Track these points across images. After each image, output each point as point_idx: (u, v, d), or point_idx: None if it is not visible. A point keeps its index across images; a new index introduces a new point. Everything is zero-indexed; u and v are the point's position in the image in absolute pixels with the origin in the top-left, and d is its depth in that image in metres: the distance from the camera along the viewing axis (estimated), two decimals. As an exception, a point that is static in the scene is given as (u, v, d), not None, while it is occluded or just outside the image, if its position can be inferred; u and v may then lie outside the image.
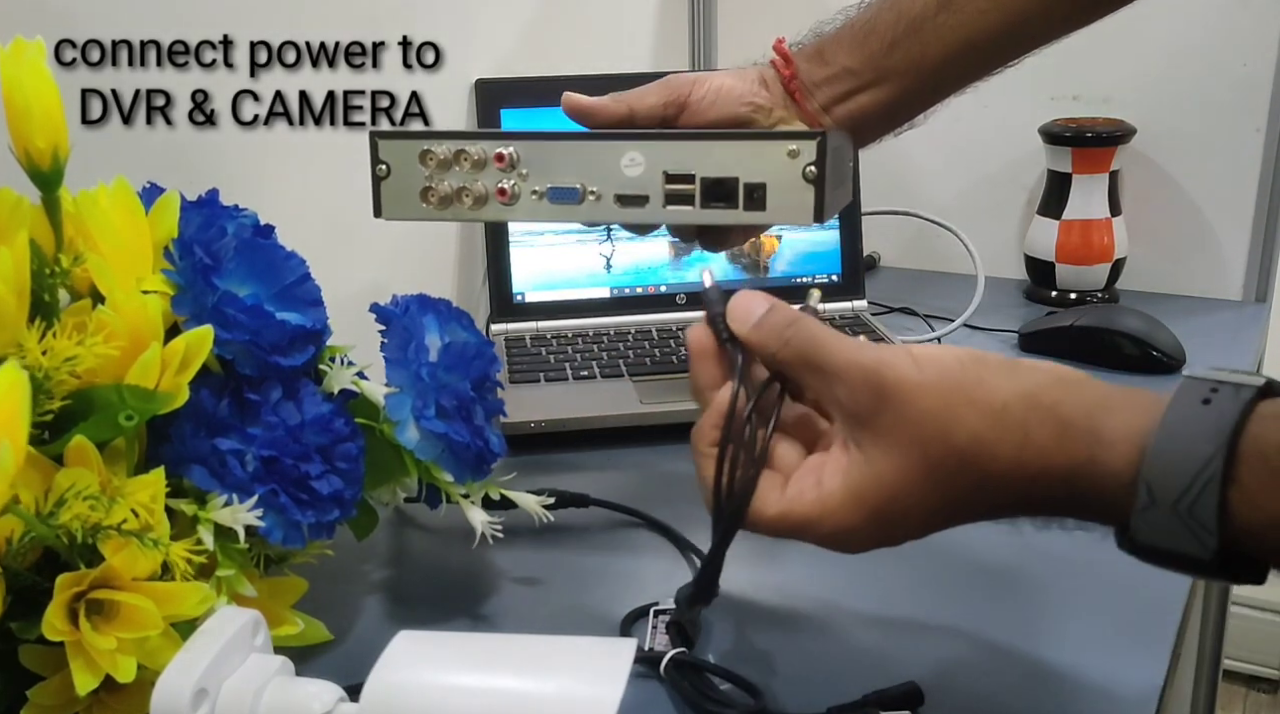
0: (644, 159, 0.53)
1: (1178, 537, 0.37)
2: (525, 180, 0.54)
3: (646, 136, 0.53)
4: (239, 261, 0.50)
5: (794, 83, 0.65)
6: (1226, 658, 1.37)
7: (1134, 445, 0.37)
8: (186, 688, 0.37)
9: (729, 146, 0.52)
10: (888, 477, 0.42)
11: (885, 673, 0.50)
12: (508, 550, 0.62)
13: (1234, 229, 1.05)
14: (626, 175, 0.53)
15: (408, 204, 0.56)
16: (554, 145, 0.54)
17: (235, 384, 0.49)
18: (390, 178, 0.55)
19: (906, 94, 0.64)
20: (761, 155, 0.52)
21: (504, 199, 0.54)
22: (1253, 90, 1.01)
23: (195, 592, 0.43)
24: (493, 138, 0.54)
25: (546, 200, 0.54)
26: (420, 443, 0.54)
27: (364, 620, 0.58)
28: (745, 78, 0.66)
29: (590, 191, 0.53)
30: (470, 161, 0.54)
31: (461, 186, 0.54)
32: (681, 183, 0.53)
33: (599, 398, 0.80)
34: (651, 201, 0.53)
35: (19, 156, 0.46)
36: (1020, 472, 0.40)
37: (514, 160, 0.54)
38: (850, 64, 0.64)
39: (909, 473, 0.41)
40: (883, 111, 0.65)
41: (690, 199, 0.53)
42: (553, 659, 0.40)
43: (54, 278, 0.46)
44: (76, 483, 0.41)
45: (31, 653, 0.43)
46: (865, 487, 0.42)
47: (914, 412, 0.41)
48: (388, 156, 0.55)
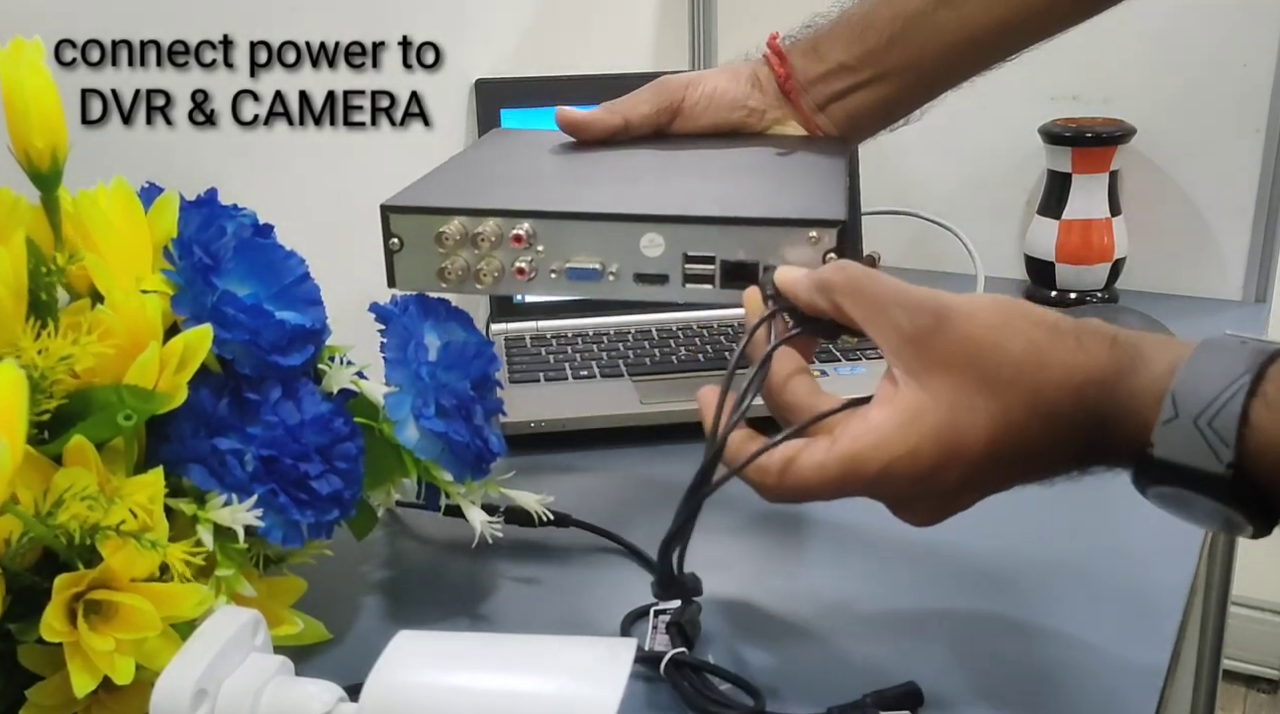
0: (664, 241, 0.52)
1: (1194, 450, 0.38)
2: (544, 258, 0.54)
3: (666, 219, 0.52)
4: (238, 261, 0.50)
5: (789, 82, 0.64)
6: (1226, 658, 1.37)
7: (1169, 364, 0.39)
8: (186, 688, 0.37)
9: (750, 232, 0.52)
10: (945, 395, 0.41)
11: (885, 673, 0.50)
12: (507, 550, 0.62)
13: (1234, 229, 1.05)
14: (646, 256, 0.53)
15: (423, 278, 0.55)
16: (572, 225, 0.53)
17: (234, 384, 0.49)
18: (404, 251, 0.54)
19: (904, 91, 0.64)
20: (782, 240, 0.51)
21: (523, 278, 0.54)
22: (1252, 90, 1.01)
23: (194, 593, 0.43)
24: (509, 215, 0.53)
25: (565, 278, 0.54)
26: (420, 442, 0.54)
27: (364, 620, 0.58)
28: (738, 78, 0.66)
29: (610, 272, 0.53)
30: (487, 242, 0.53)
31: (479, 266, 0.54)
32: (701, 263, 0.52)
33: (599, 398, 0.80)
34: (671, 281, 0.53)
35: (18, 157, 0.46)
36: (1069, 380, 0.40)
37: (531, 239, 0.53)
38: (846, 60, 0.63)
39: (965, 388, 0.41)
40: (880, 108, 0.64)
41: (710, 279, 0.53)
42: (552, 659, 0.40)
43: (51, 277, 0.46)
44: (75, 483, 0.41)
45: (30, 653, 0.42)
46: (923, 407, 0.42)
47: (973, 326, 0.42)
48: (400, 230, 0.54)
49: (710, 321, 0.92)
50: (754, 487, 0.46)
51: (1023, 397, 0.41)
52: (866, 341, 0.48)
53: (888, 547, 0.63)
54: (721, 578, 0.61)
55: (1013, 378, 0.41)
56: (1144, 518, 0.67)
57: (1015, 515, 0.66)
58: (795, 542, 0.65)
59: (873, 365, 0.84)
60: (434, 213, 0.54)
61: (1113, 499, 0.70)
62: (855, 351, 0.86)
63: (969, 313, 0.42)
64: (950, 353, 0.42)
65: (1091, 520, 0.66)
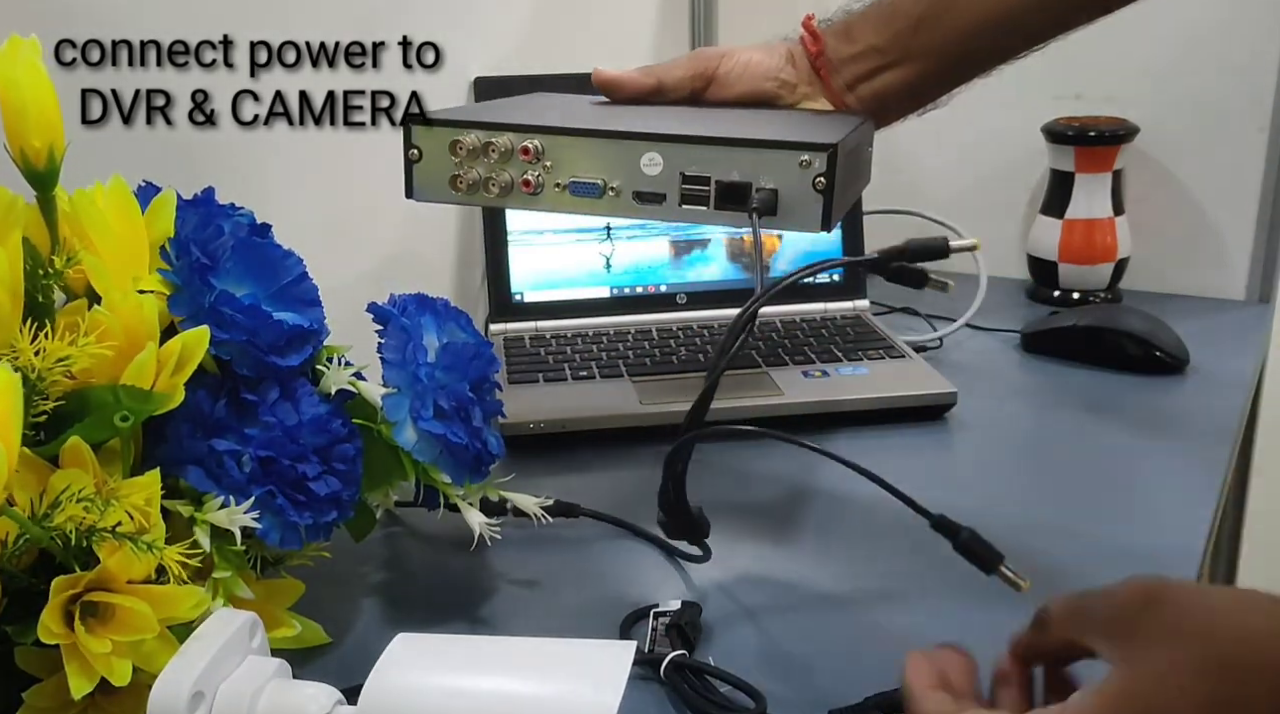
0: (663, 159, 0.55)
1: None
2: (549, 173, 0.56)
3: (666, 138, 0.55)
4: (236, 261, 0.50)
5: (820, 59, 0.66)
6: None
7: None
8: (183, 691, 0.37)
9: (744, 153, 0.54)
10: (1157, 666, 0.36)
11: (886, 675, 0.50)
12: (506, 552, 0.62)
13: (1238, 229, 1.04)
14: (646, 174, 0.55)
15: (438, 188, 0.58)
16: (578, 141, 0.56)
17: (232, 384, 0.49)
18: (422, 162, 0.58)
19: (930, 74, 0.64)
20: (774, 163, 0.53)
21: (528, 189, 0.56)
22: (1256, 89, 1.00)
23: (191, 595, 0.43)
24: (521, 130, 0.56)
25: (568, 193, 0.56)
26: (418, 444, 0.54)
27: (362, 623, 0.58)
28: (774, 53, 0.67)
29: (611, 187, 0.55)
30: (498, 153, 0.56)
31: (489, 176, 0.57)
32: (698, 184, 0.54)
33: (598, 398, 0.80)
34: (668, 200, 0.55)
35: (15, 156, 0.46)
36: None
37: (539, 153, 0.56)
38: (876, 42, 0.64)
39: (1178, 664, 0.35)
40: (906, 91, 0.65)
41: (705, 200, 0.55)
42: (552, 662, 0.39)
43: (48, 278, 0.45)
44: (71, 484, 0.41)
45: (27, 655, 0.42)
46: (1125, 684, 0.36)
47: (1198, 603, 0.37)
48: (420, 142, 0.57)
49: (710, 322, 0.92)
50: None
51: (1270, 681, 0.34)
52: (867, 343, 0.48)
53: (890, 549, 0.63)
54: (722, 579, 0.61)
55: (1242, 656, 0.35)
56: (1147, 521, 0.67)
57: (1017, 519, 0.66)
58: (796, 544, 0.65)
59: (874, 365, 0.83)
60: (452, 125, 0.57)
61: (1115, 502, 0.70)
62: (857, 351, 0.85)
63: (1191, 592, 0.37)
64: (1166, 629, 0.36)
65: (1093, 522, 0.65)
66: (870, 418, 0.79)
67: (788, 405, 0.78)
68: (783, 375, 0.82)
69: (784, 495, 0.70)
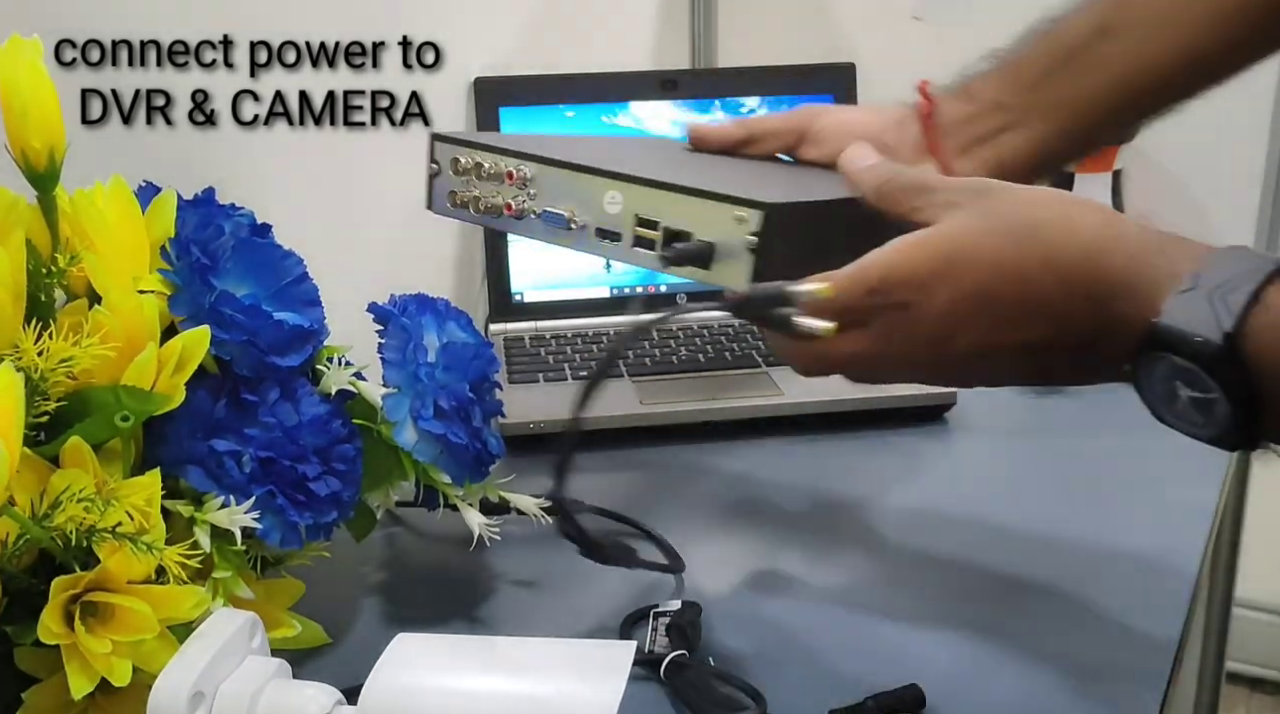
0: (622, 199, 0.54)
1: (1198, 318, 0.39)
2: (532, 200, 0.57)
3: (626, 178, 0.54)
4: (236, 261, 0.50)
5: (929, 120, 0.59)
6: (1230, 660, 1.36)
7: (1202, 249, 0.42)
8: (183, 691, 0.37)
9: (688, 201, 0.52)
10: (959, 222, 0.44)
11: (886, 675, 0.50)
12: (506, 552, 0.62)
13: (1237, 229, 1.04)
14: (607, 211, 0.55)
15: (444, 201, 0.60)
16: (554, 172, 0.56)
17: (232, 384, 0.49)
18: (439, 176, 0.60)
19: (1058, 133, 0.57)
20: (711, 215, 0.51)
21: (511, 213, 0.57)
22: (1256, 89, 1.00)
23: (191, 595, 0.43)
24: (511, 155, 0.57)
25: (541, 221, 0.57)
26: (418, 444, 0.54)
27: (362, 623, 0.58)
28: (880, 114, 0.62)
29: (576, 221, 0.55)
30: (487, 175, 0.57)
31: (479, 196, 0.58)
32: (648, 228, 0.54)
33: (599, 398, 0.80)
34: (623, 239, 0.55)
35: (15, 156, 0.46)
36: (1095, 246, 0.42)
37: (524, 180, 0.56)
38: (999, 98, 0.58)
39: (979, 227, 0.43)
40: (1030, 151, 0.58)
41: (653, 245, 0.54)
42: (551, 662, 0.39)
43: (50, 278, 0.45)
44: (72, 485, 0.41)
45: (27, 655, 0.42)
46: (933, 231, 0.44)
47: (1012, 193, 0.45)
48: (439, 157, 0.59)
49: (710, 322, 0.92)
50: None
51: (1040, 249, 0.42)
52: None
53: (890, 549, 0.63)
54: (722, 579, 0.61)
55: (1033, 232, 0.42)
56: (1148, 519, 0.67)
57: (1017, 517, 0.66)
58: (796, 544, 0.65)
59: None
60: (460, 144, 0.59)
61: (1115, 502, 0.70)
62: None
63: (1014, 189, 0.45)
64: (981, 206, 0.44)
65: (1094, 522, 0.65)
66: (871, 418, 0.79)
67: (788, 405, 0.78)
68: (783, 375, 0.82)
69: (784, 495, 0.70)
